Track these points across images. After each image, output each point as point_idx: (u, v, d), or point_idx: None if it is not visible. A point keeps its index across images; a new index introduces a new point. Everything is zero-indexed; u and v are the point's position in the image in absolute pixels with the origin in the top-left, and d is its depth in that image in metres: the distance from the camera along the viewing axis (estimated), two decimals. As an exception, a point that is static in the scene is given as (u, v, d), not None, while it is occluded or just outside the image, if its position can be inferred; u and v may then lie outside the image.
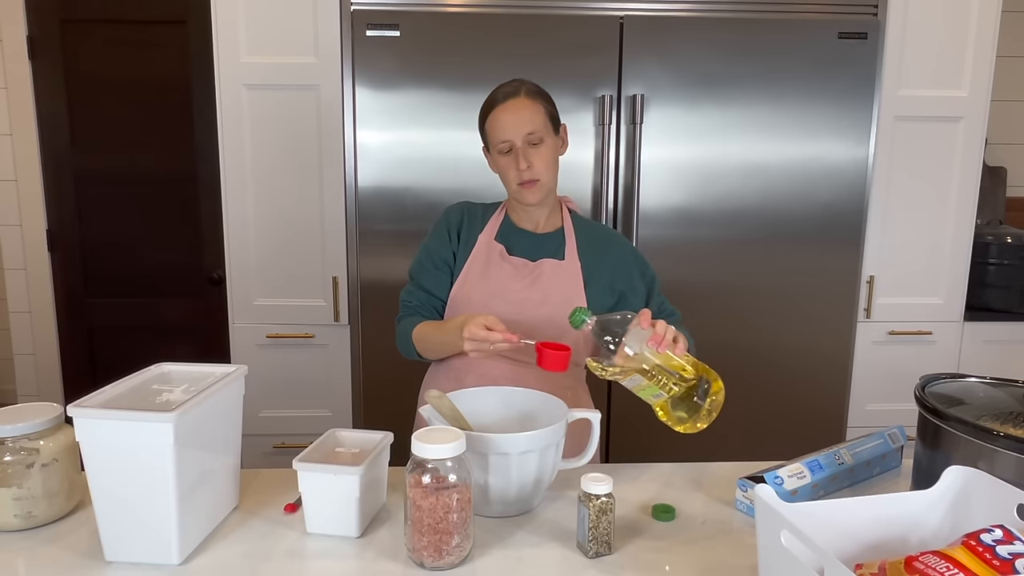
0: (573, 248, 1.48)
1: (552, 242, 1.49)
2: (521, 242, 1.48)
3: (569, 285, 1.45)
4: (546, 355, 1.23)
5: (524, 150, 1.39)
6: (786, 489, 1.16)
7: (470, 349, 1.27)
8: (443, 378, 1.48)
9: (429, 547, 0.99)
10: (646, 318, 1.17)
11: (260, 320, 2.37)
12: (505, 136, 1.39)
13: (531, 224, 1.50)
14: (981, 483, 0.89)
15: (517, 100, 1.39)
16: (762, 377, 2.34)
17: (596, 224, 1.58)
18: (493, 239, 1.48)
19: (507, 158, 1.41)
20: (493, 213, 1.52)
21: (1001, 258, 2.53)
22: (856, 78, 2.23)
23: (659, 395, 1.16)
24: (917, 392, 1.17)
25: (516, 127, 1.38)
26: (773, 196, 2.27)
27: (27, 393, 2.98)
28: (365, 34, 2.14)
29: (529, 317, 1.40)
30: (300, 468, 1.07)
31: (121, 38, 2.75)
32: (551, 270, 1.45)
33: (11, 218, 2.88)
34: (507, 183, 1.43)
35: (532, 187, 1.40)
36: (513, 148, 1.39)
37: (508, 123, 1.38)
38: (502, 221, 1.51)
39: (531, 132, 1.38)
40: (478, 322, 1.25)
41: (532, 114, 1.39)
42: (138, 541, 1.00)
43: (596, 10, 2.22)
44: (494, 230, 1.49)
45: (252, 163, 2.30)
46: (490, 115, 1.41)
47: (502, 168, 1.43)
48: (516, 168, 1.39)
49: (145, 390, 1.09)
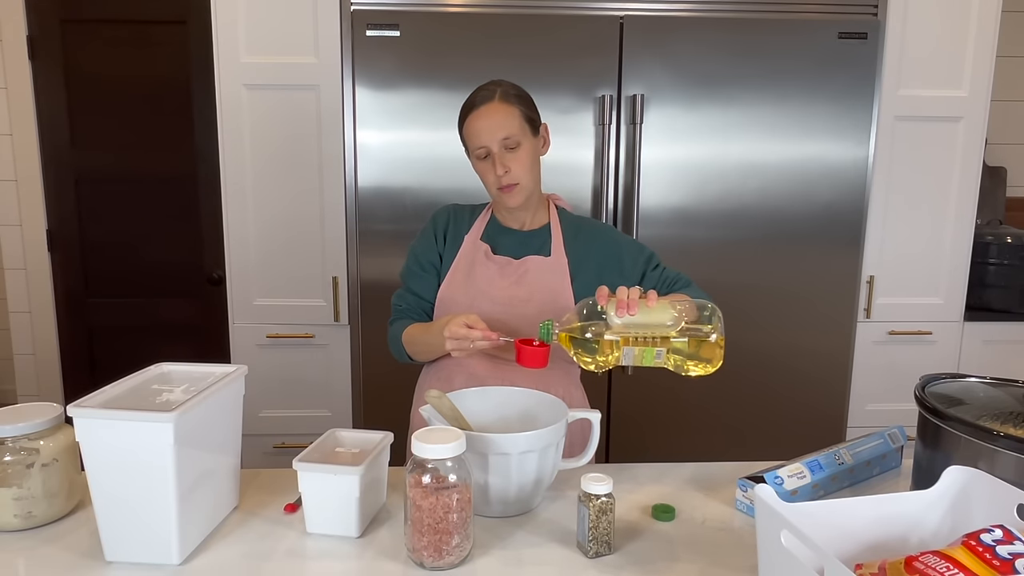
0: (560, 243, 1.47)
1: (538, 239, 1.49)
2: (506, 241, 1.48)
3: (555, 280, 1.44)
4: (524, 352, 1.24)
5: (501, 155, 1.38)
6: (786, 489, 1.16)
7: (452, 348, 1.28)
8: (434, 378, 1.49)
9: (429, 547, 0.99)
10: (602, 295, 1.19)
11: (260, 320, 2.37)
12: (480, 142, 1.38)
13: (516, 223, 1.50)
14: (981, 483, 0.89)
15: (491, 105, 1.38)
16: (762, 377, 2.34)
17: (582, 218, 1.56)
18: (479, 239, 1.48)
19: (485, 163, 1.40)
20: (480, 214, 1.52)
21: (1001, 258, 2.53)
22: (856, 78, 2.23)
23: (659, 354, 1.14)
24: (917, 392, 1.17)
25: (490, 133, 1.37)
26: (773, 196, 2.27)
27: (27, 393, 2.98)
28: (365, 34, 2.14)
29: (515, 315, 1.41)
30: (300, 468, 1.07)
31: (121, 38, 2.75)
32: (536, 267, 1.45)
33: (11, 218, 2.88)
34: (487, 187, 1.43)
35: (511, 191, 1.40)
36: (490, 153, 1.39)
37: (482, 129, 1.38)
38: (488, 221, 1.51)
39: (506, 137, 1.37)
40: (459, 321, 1.27)
41: (506, 118, 1.37)
42: (138, 541, 1.00)
43: (596, 10, 2.22)
44: (480, 230, 1.50)
45: (252, 163, 2.30)
46: (466, 121, 1.41)
47: (481, 173, 1.43)
48: (494, 173, 1.39)
49: (145, 390, 1.09)
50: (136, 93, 2.78)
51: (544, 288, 1.43)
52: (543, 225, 1.50)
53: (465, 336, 1.26)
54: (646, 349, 1.14)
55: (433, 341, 1.36)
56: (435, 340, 1.33)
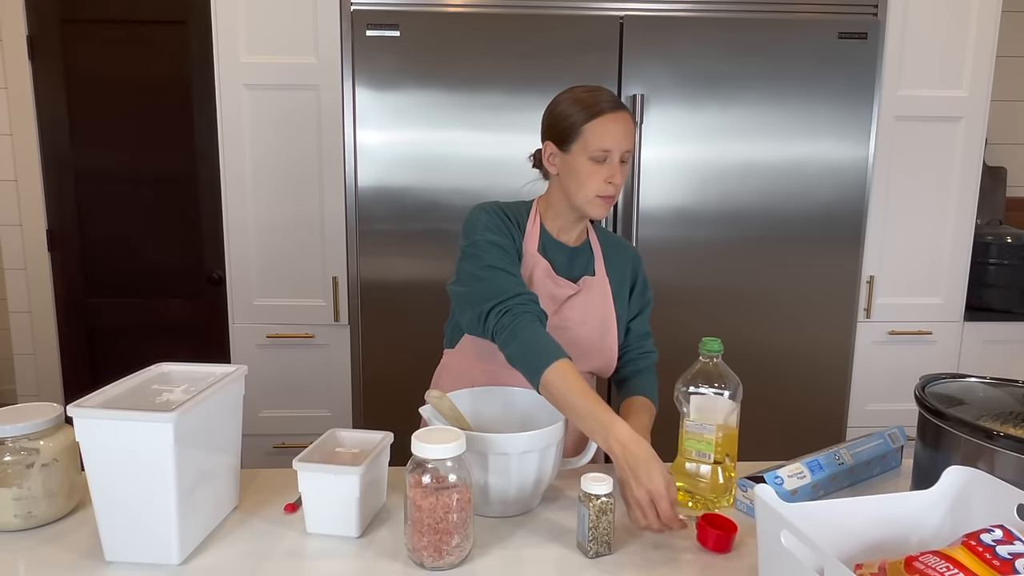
0: (601, 262, 1.47)
1: (583, 256, 1.46)
2: (559, 257, 1.44)
3: (603, 303, 1.44)
4: (709, 535, 1.08)
5: (618, 165, 1.35)
6: (786, 489, 1.16)
7: (636, 502, 1.09)
8: (447, 378, 1.45)
9: (429, 547, 0.99)
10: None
11: (260, 320, 2.37)
12: (609, 145, 1.33)
13: (570, 237, 1.45)
14: (981, 483, 0.89)
15: (625, 114, 1.35)
16: (762, 377, 2.34)
17: (611, 234, 1.55)
18: (536, 251, 1.42)
19: (598, 167, 1.34)
20: (528, 218, 1.45)
21: (1001, 258, 2.53)
22: (856, 78, 2.23)
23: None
24: (917, 392, 1.17)
25: (621, 141, 1.34)
26: (773, 196, 2.27)
27: (27, 393, 2.98)
28: (365, 34, 2.14)
29: (567, 339, 1.36)
30: (300, 468, 1.07)
31: (121, 38, 2.75)
32: (587, 288, 1.43)
33: (11, 218, 2.88)
34: (583, 190, 1.35)
35: (608, 203, 1.37)
36: (609, 159, 1.34)
37: (617, 134, 1.33)
38: (540, 230, 1.44)
39: (627, 150, 1.35)
40: (660, 485, 1.07)
41: (633, 133, 1.37)
42: (138, 541, 1.00)
43: (596, 10, 2.22)
44: (535, 239, 1.43)
45: (252, 163, 2.30)
46: (597, 119, 1.33)
47: (586, 175, 1.35)
48: (604, 179, 1.34)
49: (145, 390, 1.09)
50: (136, 93, 2.78)
51: (595, 310, 1.42)
52: (584, 242, 1.48)
53: (650, 518, 1.08)
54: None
55: (585, 426, 1.14)
56: (587, 427, 1.14)
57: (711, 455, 1.20)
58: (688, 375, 1.23)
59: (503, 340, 1.25)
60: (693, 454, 1.21)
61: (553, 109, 1.39)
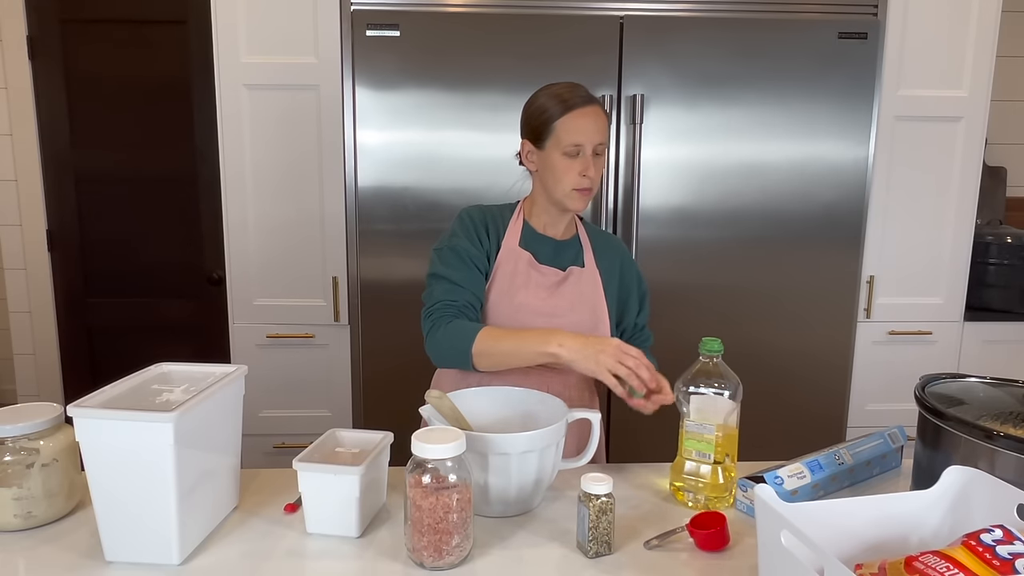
0: (590, 255, 1.49)
1: (571, 249, 1.49)
2: (544, 250, 1.46)
3: (593, 292, 1.46)
4: (701, 536, 1.08)
5: (592, 158, 1.38)
6: (786, 489, 1.16)
7: (611, 366, 1.20)
8: (453, 378, 1.45)
9: (429, 547, 0.99)
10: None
11: (260, 320, 2.37)
12: (580, 139, 1.36)
13: (555, 231, 1.48)
14: (981, 483, 0.89)
15: (596, 108, 1.38)
16: (762, 377, 2.34)
17: (600, 229, 1.58)
18: (517, 245, 1.45)
19: (571, 160, 1.37)
20: (511, 216, 1.48)
21: (1001, 258, 2.53)
22: (856, 78, 2.23)
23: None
24: (917, 392, 1.17)
25: (593, 134, 1.37)
26: (773, 196, 2.27)
27: (27, 393, 2.98)
28: (365, 34, 2.14)
29: (559, 325, 1.37)
30: (300, 468, 1.07)
31: (121, 38, 2.75)
32: (576, 278, 1.45)
33: (11, 218, 2.88)
34: (560, 184, 1.39)
35: (587, 195, 1.40)
36: (582, 153, 1.37)
37: (588, 128, 1.36)
38: (523, 227, 1.47)
39: (600, 143, 1.38)
40: (621, 344, 1.21)
41: (605, 125, 1.39)
42: (138, 541, 1.00)
43: (596, 10, 2.22)
44: (516, 236, 1.46)
45: (252, 163, 2.30)
46: (568, 115, 1.36)
47: (561, 169, 1.38)
48: (579, 173, 1.37)
49: (145, 390, 1.09)
50: (136, 93, 2.78)
51: (584, 299, 1.44)
52: (573, 235, 1.51)
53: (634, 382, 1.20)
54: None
55: (529, 350, 1.26)
56: (530, 349, 1.26)
57: (711, 455, 1.20)
58: (688, 375, 1.23)
59: (427, 347, 1.36)
60: (693, 454, 1.21)
61: (527, 108, 1.43)
